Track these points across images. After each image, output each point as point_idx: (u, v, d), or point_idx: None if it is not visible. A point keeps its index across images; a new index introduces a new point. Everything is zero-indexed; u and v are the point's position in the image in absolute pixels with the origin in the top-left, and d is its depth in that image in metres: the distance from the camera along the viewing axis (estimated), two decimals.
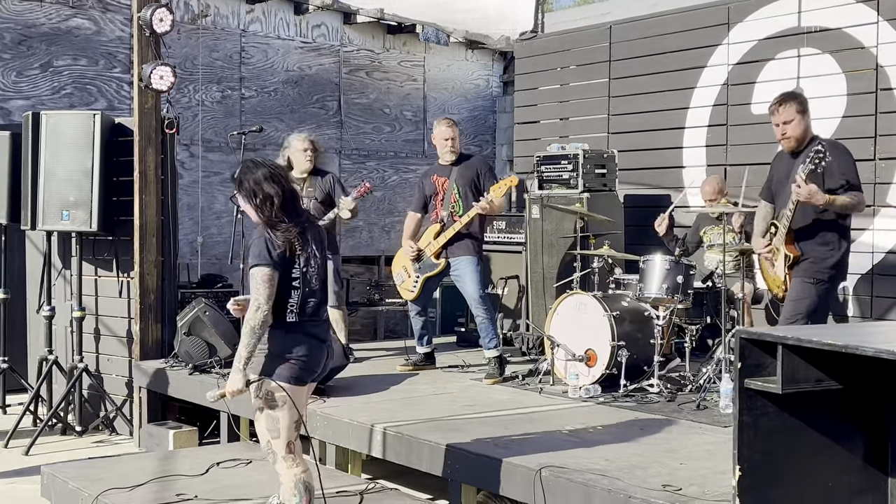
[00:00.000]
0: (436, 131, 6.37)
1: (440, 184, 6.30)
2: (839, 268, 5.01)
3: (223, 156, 9.15)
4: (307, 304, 3.71)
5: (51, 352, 6.74)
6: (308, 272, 3.70)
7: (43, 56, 8.26)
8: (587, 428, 4.75)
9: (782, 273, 5.04)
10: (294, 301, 3.66)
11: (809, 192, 4.74)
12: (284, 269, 3.63)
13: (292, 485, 3.66)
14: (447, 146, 6.27)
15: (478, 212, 6.08)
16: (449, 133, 6.28)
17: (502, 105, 10.97)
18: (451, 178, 6.27)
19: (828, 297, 5.05)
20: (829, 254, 4.96)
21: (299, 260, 3.67)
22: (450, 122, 6.39)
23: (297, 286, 3.66)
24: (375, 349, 7.46)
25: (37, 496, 5.08)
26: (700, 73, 7.69)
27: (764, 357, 2.50)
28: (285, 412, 3.63)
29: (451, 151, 6.28)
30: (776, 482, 2.55)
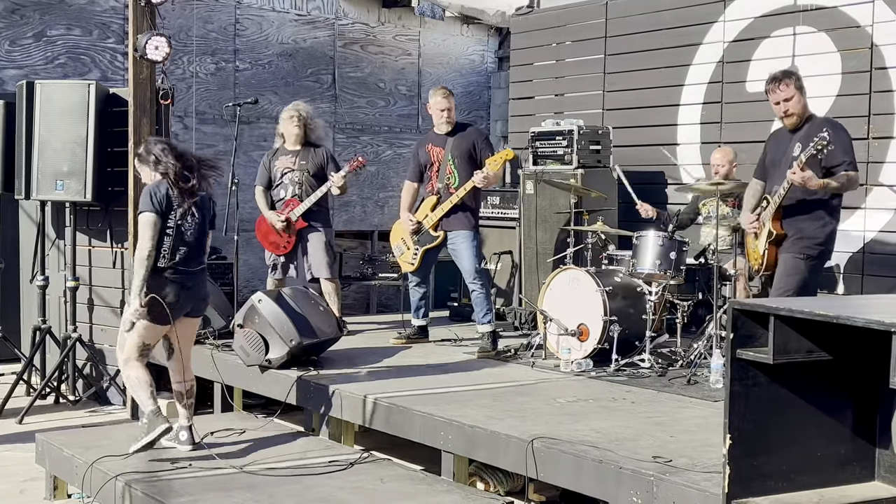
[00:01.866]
0: (431, 101, 6.34)
1: (435, 153, 6.27)
2: (827, 244, 5.10)
3: (217, 128, 9.13)
4: (177, 252, 4.49)
5: (44, 321, 6.75)
6: (183, 226, 4.50)
7: (36, 25, 8.21)
8: (578, 401, 4.79)
9: (762, 247, 5.11)
10: (165, 248, 4.45)
11: (804, 178, 4.81)
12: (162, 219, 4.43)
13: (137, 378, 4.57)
14: (443, 116, 6.25)
15: (474, 185, 6.08)
16: (444, 104, 6.24)
17: (497, 81, 10.94)
18: (446, 148, 6.23)
19: (817, 274, 5.13)
20: (818, 230, 5.02)
21: (176, 213, 4.47)
22: (445, 91, 6.32)
23: (170, 234, 4.46)
24: (368, 322, 7.49)
25: (31, 464, 5.12)
26: (696, 51, 7.69)
27: (756, 328, 2.54)
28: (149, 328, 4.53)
29: (447, 122, 6.26)
30: (766, 451, 2.59)
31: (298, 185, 6.56)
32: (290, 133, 6.60)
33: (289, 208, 6.55)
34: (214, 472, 4.36)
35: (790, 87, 4.97)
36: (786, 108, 4.99)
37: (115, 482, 4.27)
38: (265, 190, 6.70)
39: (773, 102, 5.05)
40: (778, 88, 4.99)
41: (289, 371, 5.37)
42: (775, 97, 5.01)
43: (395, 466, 4.58)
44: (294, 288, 5.97)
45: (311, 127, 6.66)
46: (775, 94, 5.01)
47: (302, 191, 6.54)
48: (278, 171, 6.63)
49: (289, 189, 6.59)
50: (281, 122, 6.68)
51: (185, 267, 4.53)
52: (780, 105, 5.00)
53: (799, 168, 4.80)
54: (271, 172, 6.67)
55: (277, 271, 6.68)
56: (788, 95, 4.97)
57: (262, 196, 6.69)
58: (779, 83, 5.00)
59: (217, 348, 5.96)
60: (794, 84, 4.99)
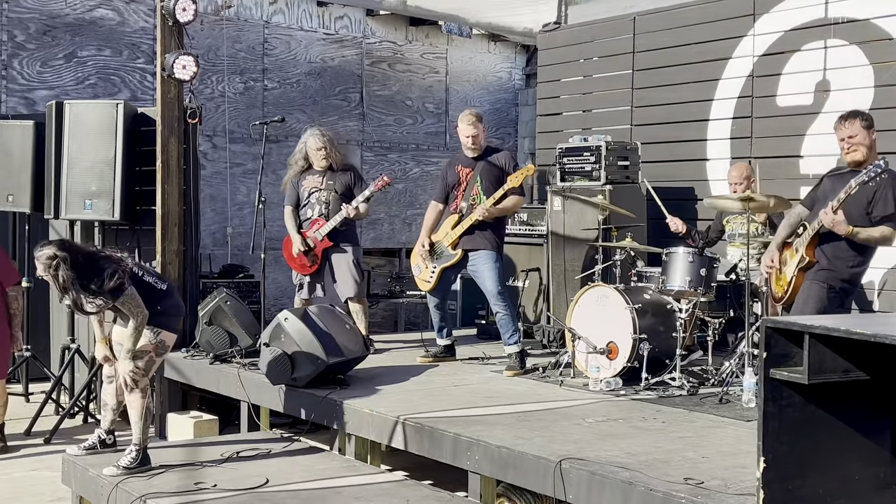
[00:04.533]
0: (459, 126, 6.28)
1: (464, 174, 6.22)
2: (852, 281, 5.08)
3: (246, 147, 9.17)
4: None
5: (73, 340, 6.78)
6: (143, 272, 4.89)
7: (67, 46, 8.31)
8: (608, 420, 4.71)
9: (790, 273, 5.09)
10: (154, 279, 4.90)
11: (833, 221, 4.86)
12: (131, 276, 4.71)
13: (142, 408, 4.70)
14: (468, 143, 6.16)
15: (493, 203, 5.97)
16: (470, 130, 6.11)
17: (524, 98, 10.92)
18: (475, 170, 6.16)
19: (835, 306, 5.05)
20: (847, 267, 5.01)
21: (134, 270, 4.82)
22: (472, 118, 6.15)
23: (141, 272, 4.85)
24: (396, 341, 7.44)
25: (57, 483, 5.11)
26: (725, 65, 7.61)
27: (790, 347, 2.46)
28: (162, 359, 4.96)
29: (472, 148, 6.16)
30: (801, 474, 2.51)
31: (325, 204, 6.55)
32: (317, 161, 6.62)
33: (314, 227, 6.54)
34: (239, 493, 4.33)
35: (855, 125, 5.02)
36: (850, 145, 5.03)
37: (139, 503, 4.25)
38: (294, 209, 6.68)
39: (839, 139, 5.10)
40: (843, 125, 5.06)
41: (315, 390, 5.34)
42: (840, 134, 5.08)
43: (422, 487, 4.52)
44: (321, 306, 5.94)
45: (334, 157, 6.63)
46: (840, 131, 5.08)
47: (328, 210, 6.53)
48: (305, 191, 6.63)
49: (315, 209, 6.58)
50: (308, 149, 6.63)
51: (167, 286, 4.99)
52: (843, 142, 5.05)
53: (832, 210, 4.84)
54: (299, 192, 6.66)
55: (304, 290, 6.66)
56: (853, 133, 5.01)
57: (291, 216, 6.66)
58: (844, 121, 5.07)
59: (244, 367, 5.93)
60: (861, 123, 5.03)
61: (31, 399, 7.15)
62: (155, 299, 4.78)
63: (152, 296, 4.77)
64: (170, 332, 4.84)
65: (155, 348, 4.75)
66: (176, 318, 4.95)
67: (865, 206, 4.93)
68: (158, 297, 4.81)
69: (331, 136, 6.69)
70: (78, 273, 4.52)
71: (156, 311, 4.75)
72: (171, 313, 4.88)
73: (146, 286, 4.78)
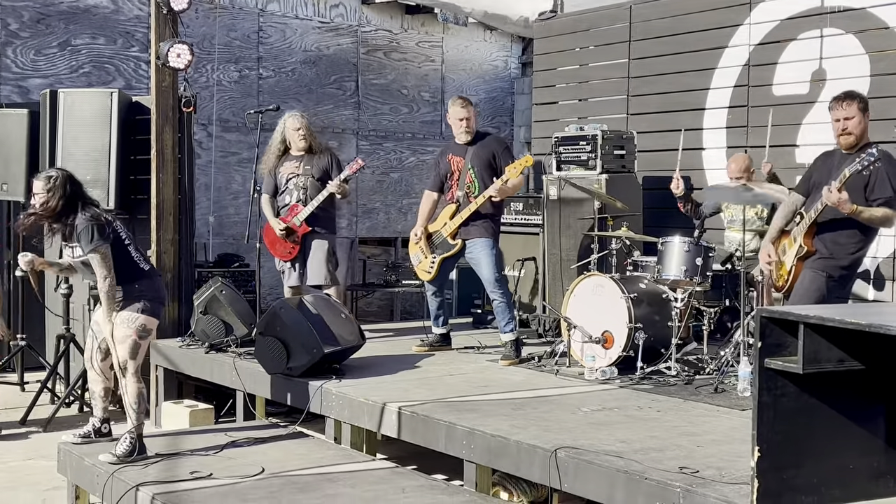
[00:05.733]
0: (450, 111, 6.29)
1: (455, 163, 6.22)
2: (851, 269, 5.06)
3: (240, 136, 9.15)
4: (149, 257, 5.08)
5: (68, 330, 6.77)
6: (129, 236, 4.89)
7: (61, 35, 8.27)
8: (603, 410, 4.71)
9: (790, 262, 5.05)
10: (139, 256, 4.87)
11: (839, 200, 4.78)
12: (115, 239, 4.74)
13: (137, 393, 4.74)
14: (462, 126, 6.18)
15: (492, 194, 6.00)
16: (463, 113, 6.16)
17: (520, 87, 10.90)
18: (466, 157, 6.17)
19: (835, 296, 5.02)
20: (846, 254, 4.98)
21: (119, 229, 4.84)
22: (464, 101, 6.23)
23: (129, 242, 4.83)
24: (391, 330, 7.44)
25: (53, 472, 5.11)
26: (721, 54, 7.60)
27: (785, 337, 2.47)
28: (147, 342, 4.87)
29: (466, 132, 6.18)
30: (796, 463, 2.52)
31: (303, 189, 6.53)
32: (295, 142, 6.59)
33: (293, 214, 6.53)
34: (235, 482, 4.33)
35: (853, 107, 4.93)
36: (845, 126, 4.93)
37: (135, 492, 4.25)
38: (271, 198, 6.64)
39: (834, 119, 5.01)
40: (841, 105, 4.95)
41: (311, 379, 5.34)
42: (836, 114, 4.98)
43: (417, 476, 4.53)
44: (315, 295, 5.94)
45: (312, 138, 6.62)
46: (836, 111, 4.98)
47: (306, 196, 6.51)
48: (283, 177, 6.59)
49: (293, 194, 6.55)
50: (286, 130, 6.61)
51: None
52: (839, 122, 4.95)
53: (836, 188, 4.76)
54: (276, 179, 6.63)
55: (289, 277, 6.65)
56: (850, 115, 4.93)
57: (269, 204, 6.62)
58: (842, 101, 4.96)
59: (239, 356, 5.93)
60: (858, 105, 4.94)
61: (26, 388, 7.14)
62: (134, 276, 4.77)
63: (132, 271, 4.77)
64: (150, 316, 4.79)
65: (136, 332, 4.73)
66: (155, 301, 4.84)
67: (863, 190, 4.88)
68: (138, 274, 4.80)
69: (309, 120, 6.68)
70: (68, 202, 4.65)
71: (133, 290, 4.75)
72: (149, 297, 4.80)
73: (128, 259, 4.78)
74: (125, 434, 4.70)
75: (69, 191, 4.68)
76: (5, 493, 5.06)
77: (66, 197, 4.66)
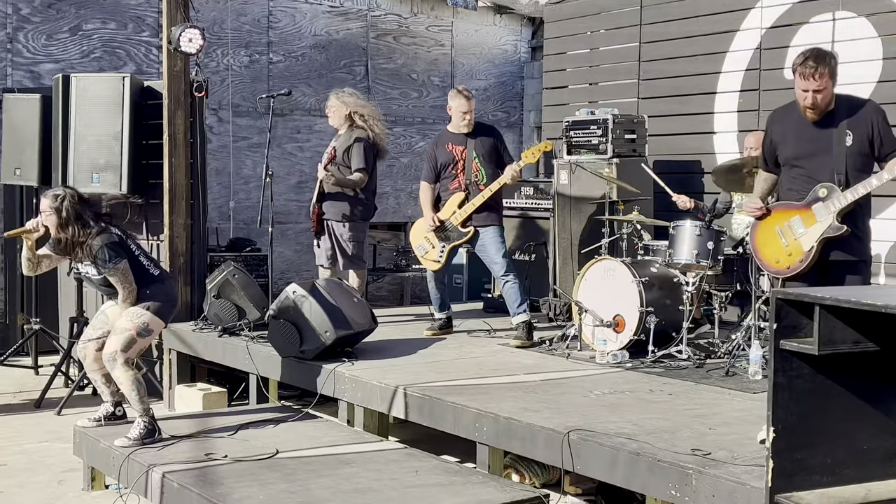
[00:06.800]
0: (453, 103, 6.29)
1: (458, 152, 6.27)
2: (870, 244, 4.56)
3: (251, 121, 9.16)
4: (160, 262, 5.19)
5: (82, 313, 6.81)
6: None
7: (72, 20, 8.28)
8: (615, 393, 4.74)
9: (811, 242, 4.32)
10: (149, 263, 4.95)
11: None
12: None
13: (131, 381, 4.76)
14: (466, 119, 6.25)
15: (507, 181, 6.10)
16: (467, 106, 6.24)
17: (530, 71, 10.88)
18: (468, 147, 6.25)
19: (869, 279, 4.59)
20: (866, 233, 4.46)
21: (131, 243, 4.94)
22: (467, 93, 6.31)
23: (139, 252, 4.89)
24: (402, 314, 7.47)
25: (69, 455, 5.16)
26: (732, 37, 7.58)
27: (800, 318, 2.48)
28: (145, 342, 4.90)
29: (468, 125, 6.27)
30: (810, 444, 2.53)
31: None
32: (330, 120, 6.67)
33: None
34: (250, 463, 4.37)
35: (825, 78, 4.23)
36: (813, 100, 4.27)
37: (150, 473, 4.29)
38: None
39: (801, 88, 4.29)
40: (814, 76, 4.24)
41: (323, 362, 5.37)
42: (806, 84, 4.27)
43: (431, 458, 4.56)
44: (328, 279, 5.97)
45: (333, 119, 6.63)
46: (807, 80, 4.26)
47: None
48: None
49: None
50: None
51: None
52: (808, 94, 4.27)
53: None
54: None
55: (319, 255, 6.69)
56: (821, 86, 4.25)
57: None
58: (816, 70, 4.23)
59: (252, 340, 5.97)
60: (829, 73, 4.25)
61: (40, 372, 7.20)
62: (144, 282, 4.82)
63: (142, 278, 4.81)
64: (156, 316, 4.82)
65: (136, 327, 4.73)
66: (165, 304, 4.88)
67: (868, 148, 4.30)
68: (148, 280, 4.84)
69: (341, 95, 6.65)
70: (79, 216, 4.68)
71: (143, 294, 4.79)
72: (160, 299, 4.84)
73: (139, 267, 4.83)
74: (138, 418, 4.73)
75: (79, 209, 4.71)
76: (22, 475, 5.11)
77: (73, 219, 4.68)
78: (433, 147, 6.45)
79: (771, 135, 4.53)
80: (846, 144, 4.33)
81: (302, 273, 9.20)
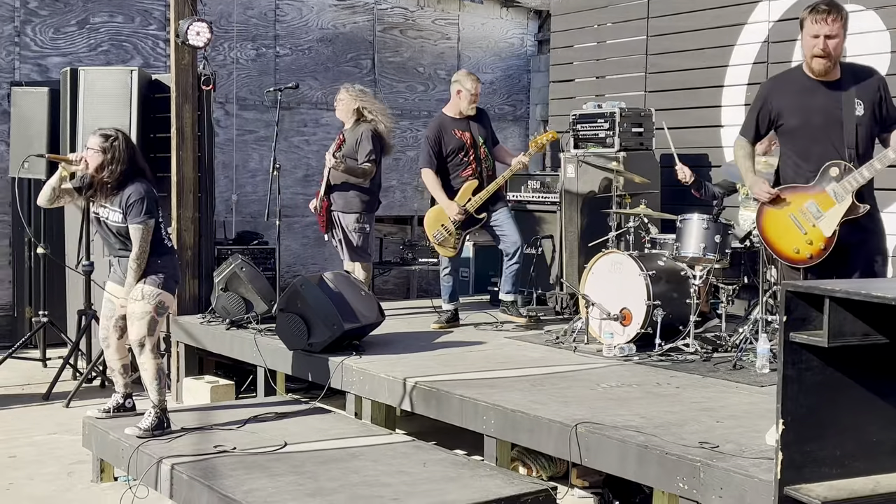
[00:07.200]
0: (467, 85, 6.30)
1: (466, 137, 6.29)
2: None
3: (258, 114, 9.17)
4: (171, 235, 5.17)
5: (90, 306, 6.83)
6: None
7: (80, 13, 8.29)
8: (622, 386, 4.74)
9: (831, 227, 4.07)
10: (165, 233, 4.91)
11: None
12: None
13: (156, 369, 4.75)
14: (474, 102, 6.35)
15: (518, 168, 6.32)
16: (478, 88, 6.37)
17: (536, 64, 10.87)
18: (472, 131, 6.35)
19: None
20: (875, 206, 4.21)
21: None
22: (477, 77, 6.46)
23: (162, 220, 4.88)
24: (409, 308, 7.48)
25: (78, 447, 5.18)
26: (740, 31, 7.56)
27: (810, 311, 2.48)
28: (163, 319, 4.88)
29: (474, 106, 6.37)
30: (820, 436, 2.54)
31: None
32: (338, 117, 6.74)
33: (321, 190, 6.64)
34: (258, 455, 4.39)
35: (838, 23, 4.01)
36: (824, 47, 4.00)
37: (159, 465, 4.31)
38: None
39: (811, 34, 4.03)
40: (827, 20, 3.98)
41: (331, 355, 5.38)
42: (818, 28, 3.99)
43: (438, 450, 4.57)
44: (336, 272, 5.98)
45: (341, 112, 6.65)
46: (820, 25, 3.99)
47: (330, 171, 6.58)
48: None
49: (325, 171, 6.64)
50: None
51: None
52: (819, 39, 3.99)
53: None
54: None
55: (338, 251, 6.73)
56: (834, 32, 3.99)
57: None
58: (829, 14, 3.99)
59: (260, 333, 5.99)
60: (842, 22, 4.03)
61: (48, 364, 7.23)
62: (158, 251, 4.79)
63: (158, 246, 4.79)
64: (168, 292, 4.81)
65: (154, 308, 4.73)
66: (172, 279, 4.87)
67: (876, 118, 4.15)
68: (162, 251, 4.81)
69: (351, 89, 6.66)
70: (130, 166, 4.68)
71: (154, 263, 4.74)
72: (168, 273, 4.80)
73: (157, 235, 4.79)
74: (149, 409, 4.75)
75: (130, 154, 4.71)
76: (32, 467, 5.13)
77: (128, 161, 4.68)
78: (438, 133, 6.36)
79: (769, 103, 4.28)
80: (857, 114, 4.11)
81: (309, 266, 9.23)
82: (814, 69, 4.11)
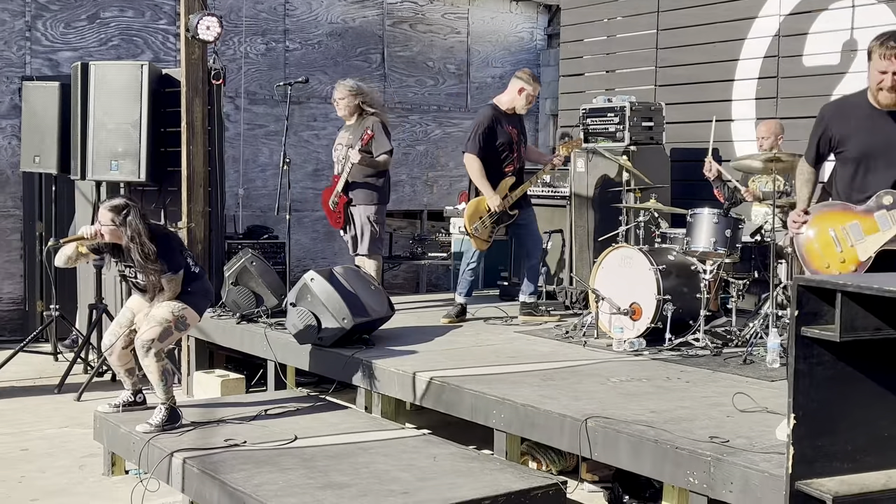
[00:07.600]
0: (529, 88, 6.30)
1: (514, 135, 6.36)
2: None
3: (268, 108, 9.18)
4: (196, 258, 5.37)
5: (101, 300, 6.85)
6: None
7: (90, 7, 8.31)
8: (632, 380, 4.74)
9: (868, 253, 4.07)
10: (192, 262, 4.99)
11: None
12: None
13: (160, 371, 4.73)
14: (531, 104, 6.50)
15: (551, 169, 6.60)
16: (538, 92, 6.51)
17: (546, 58, 10.84)
18: (519, 129, 6.45)
19: None
20: None
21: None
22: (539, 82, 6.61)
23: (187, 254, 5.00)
24: (418, 302, 7.49)
25: (90, 440, 5.20)
26: (751, 24, 7.54)
27: (821, 305, 2.47)
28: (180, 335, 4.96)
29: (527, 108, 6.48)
30: (831, 431, 2.53)
31: (342, 160, 6.57)
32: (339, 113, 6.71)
33: (335, 185, 6.61)
34: (269, 449, 4.40)
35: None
36: (893, 82, 3.97)
37: (170, 459, 4.32)
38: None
39: (879, 70, 3.99)
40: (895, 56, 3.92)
41: (341, 349, 5.39)
42: (886, 65, 3.95)
43: (448, 445, 4.57)
44: (346, 267, 5.98)
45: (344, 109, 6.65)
46: (888, 61, 3.94)
47: (343, 167, 6.58)
48: (334, 150, 6.70)
49: (336, 167, 6.66)
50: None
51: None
52: (887, 75, 3.97)
53: None
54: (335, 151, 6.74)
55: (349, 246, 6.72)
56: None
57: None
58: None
59: (270, 327, 6.00)
60: None
61: (59, 358, 7.26)
62: (187, 280, 4.85)
63: (186, 276, 4.85)
64: (195, 311, 4.87)
65: (175, 319, 4.76)
66: (203, 300, 4.95)
67: None
68: (190, 278, 4.87)
69: (352, 86, 6.65)
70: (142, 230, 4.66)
71: (185, 291, 4.83)
72: (199, 294, 4.90)
73: (187, 270, 4.86)
74: (160, 404, 4.77)
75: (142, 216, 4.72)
76: (43, 460, 5.16)
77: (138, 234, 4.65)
78: (492, 122, 6.30)
79: (830, 129, 4.25)
80: None
81: (318, 260, 9.24)
82: (880, 101, 4.08)
